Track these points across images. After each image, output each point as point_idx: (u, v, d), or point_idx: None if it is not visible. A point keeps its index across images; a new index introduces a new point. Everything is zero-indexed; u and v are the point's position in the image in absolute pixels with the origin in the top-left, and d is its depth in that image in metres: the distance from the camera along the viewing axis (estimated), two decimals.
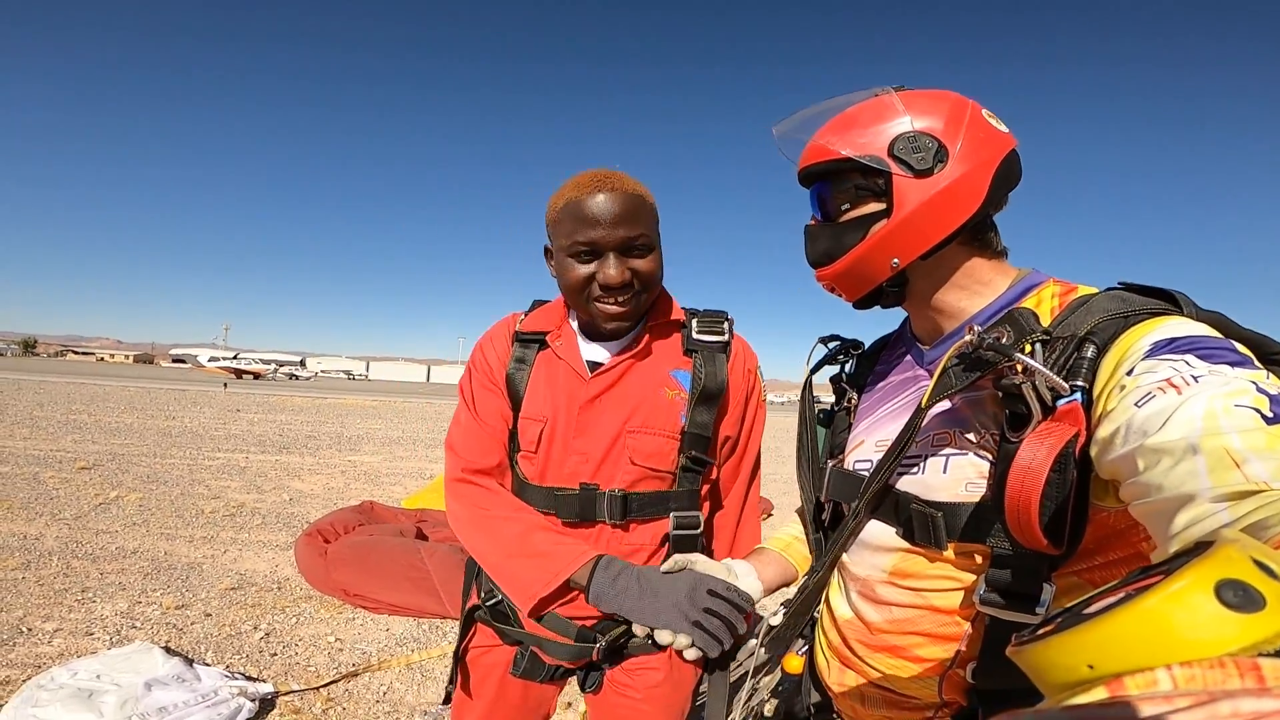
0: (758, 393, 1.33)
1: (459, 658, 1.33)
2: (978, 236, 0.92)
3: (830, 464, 1.10)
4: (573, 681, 1.31)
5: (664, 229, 1.22)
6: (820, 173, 0.95)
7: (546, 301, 1.37)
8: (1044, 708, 0.28)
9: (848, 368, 1.17)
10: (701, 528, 1.25)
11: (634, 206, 1.13)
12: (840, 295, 1.01)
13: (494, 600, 1.29)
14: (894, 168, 0.87)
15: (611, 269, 1.13)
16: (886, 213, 0.89)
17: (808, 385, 1.19)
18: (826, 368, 1.21)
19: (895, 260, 0.90)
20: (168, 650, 2.86)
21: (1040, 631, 0.33)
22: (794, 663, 1.14)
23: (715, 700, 1.13)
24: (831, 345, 1.20)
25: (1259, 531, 0.45)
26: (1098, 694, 0.26)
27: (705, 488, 1.28)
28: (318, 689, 2.82)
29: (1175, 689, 0.24)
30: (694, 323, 1.28)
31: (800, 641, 1.17)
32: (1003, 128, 0.90)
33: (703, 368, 1.23)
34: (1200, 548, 0.33)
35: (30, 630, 3.20)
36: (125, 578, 4.08)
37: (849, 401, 1.12)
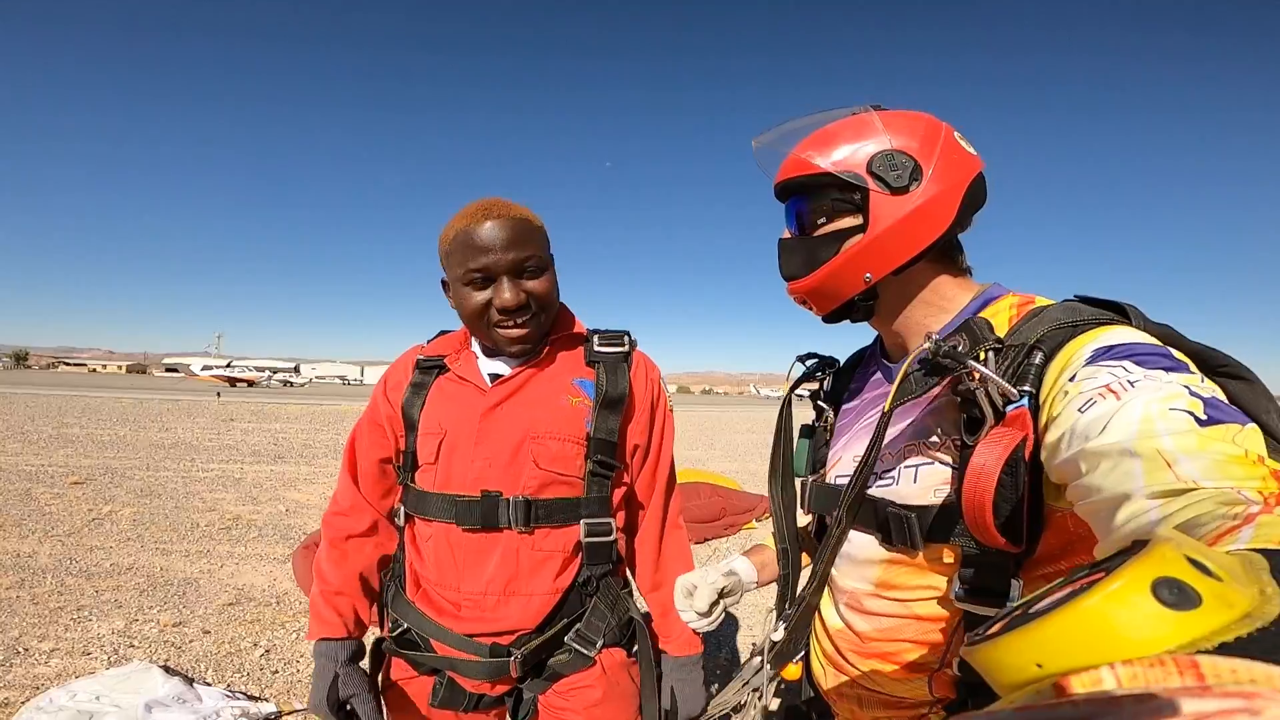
0: (664, 402, 1.36)
1: (381, 692, 1.31)
2: (945, 255, 0.96)
3: (811, 479, 1.14)
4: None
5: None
6: (798, 187, 0.97)
7: (451, 331, 1.40)
8: (995, 708, 0.28)
9: (825, 385, 1.19)
10: (614, 535, 1.26)
11: (521, 230, 1.17)
12: (811, 309, 1.03)
13: (400, 629, 1.29)
14: (871, 184, 0.90)
15: (506, 292, 1.16)
16: (862, 228, 0.91)
17: (786, 404, 1.22)
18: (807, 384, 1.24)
19: (868, 275, 0.93)
20: (167, 670, 2.82)
21: (990, 631, 0.34)
22: (791, 670, 1.15)
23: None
24: (810, 363, 1.22)
25: (1193, 529, 0.47)
26: (1046, 693, 0.27)
27: (618, 495, 1.29)
28: None
29: (1119, 687, 0.25)
30: (595, 338, 1.33)
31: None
32: (972, 150, 0.94)
33: (605, 376, 1.27)
34: (1136, 545, 0.33)
35: (27, 650, 3.16)
36: (121, 595, 4.03)
37: (825, 419, 1.16)
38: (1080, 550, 0.81)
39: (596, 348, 1.31)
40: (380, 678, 1.32)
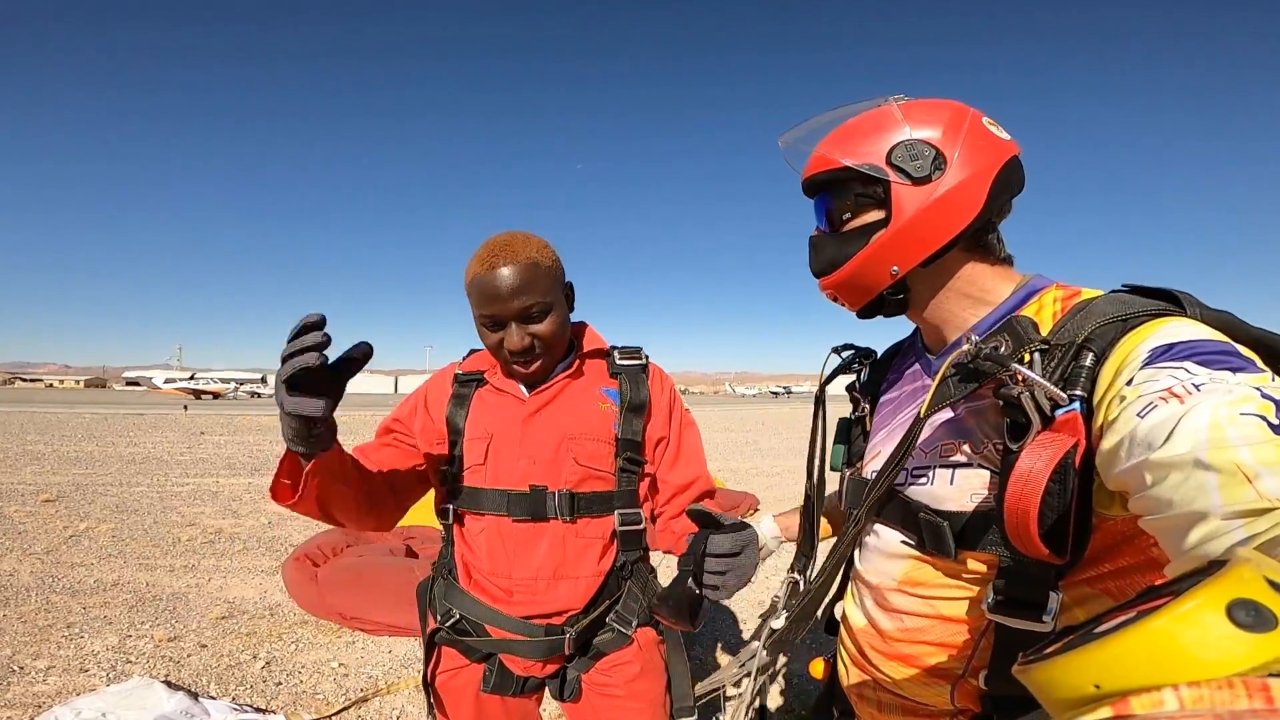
0: (679, 403, 1.50)
1: (429, 685, 1.41)
2: (979, 243, 0.92)
3: (848, 472, 1.13)
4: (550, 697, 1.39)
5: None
6: (822, 182, 0.96)
7: (481, 349, 1.48)
8: None
9: (862, 376, 1.18)
10: (643, 524, 1.39)
11: (527, 277, 1.24)
12: (843, 304, 1.02)
13: (452, 620, 1.37)
14: (891, 175, 0.87)
15: (513, 337, 1.27)
16: (886, 221, 0.89)
17: (821, 395, 1.21)
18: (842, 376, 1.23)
19: (895, 268, 0.91)
20: (169, 684, 2.80)
21: (1047, 651, 0.33)
22: (817, 667, 1.17)
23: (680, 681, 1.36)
24: (845, 354, 1.21)
25: (1274, 549, 0.44)
26: (1103, 713, 0.26)
27: (643, 488, 1.41)
28: (330, 717, 2.79)
29: (1182, 709, 0.24)
30: (615, 353, 1.48)
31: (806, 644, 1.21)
32: (1004, 135, 0.91)
33: (627, 385, 1.41)
34: (1213, 566, 0.33)
35: (22, 669, 3.10)
36: (110, 611, 3.96)
37: (863, 410, 1.14)
38: (1125, 552, 0.78)
39: (618, 361, 1.45)
40: (430, 670, 1.40)
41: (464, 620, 1.36)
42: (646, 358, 1.48)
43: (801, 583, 1.22)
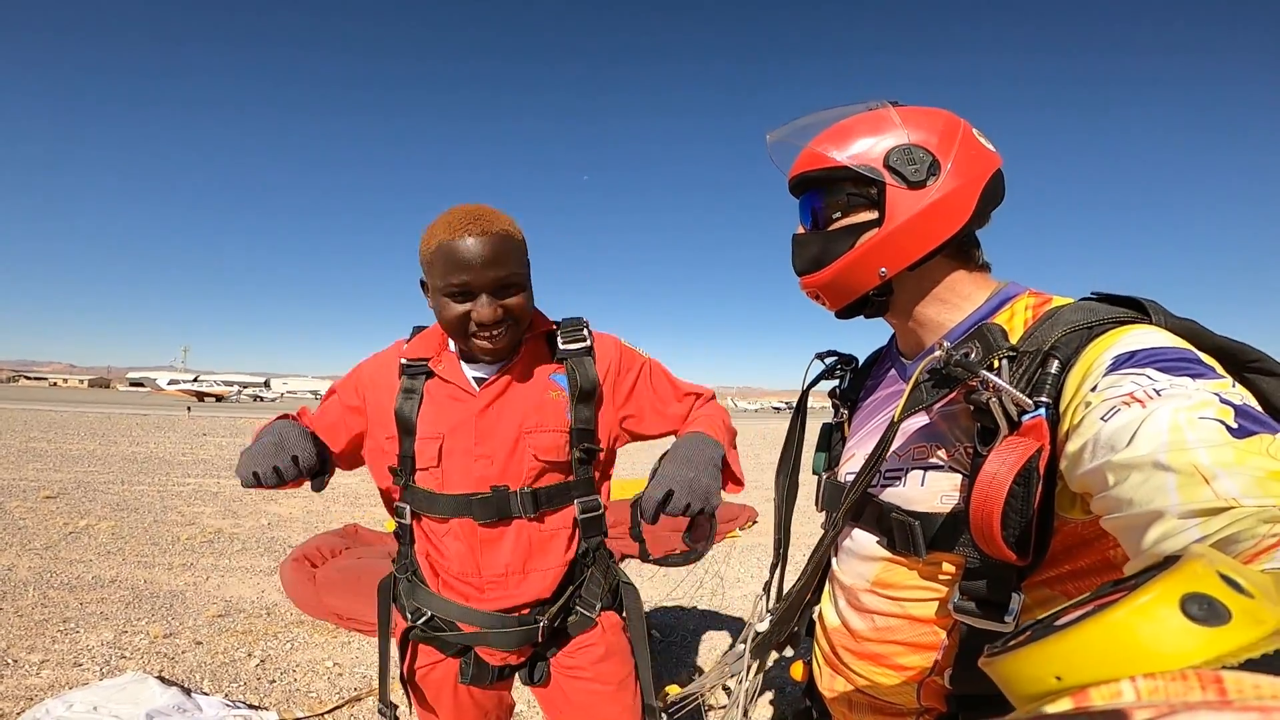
0: (635, 361, 1.42)
1: (406, 681, 1.39)
2: (961, 250, 0.94)
3: (824, 476, 1.14)
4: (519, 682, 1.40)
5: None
6: (813, 180, 0.96)
7: (426, 327, 1.43)
8: (1012, 719, 0.29)
9: (843, 382, 1.19)
10: (602, 510, 1.37)
11: (503, 248, 1.18)
12: (824, 303, 1.01)
13: (423, 617, 1.34)
14: (888, 178, 0.88)
15: (484, 309, 1.19)
16: (877, 222, 0.90)
17: (802, 401, 1.22)
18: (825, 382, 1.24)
19: (883, 269, 0.91)
20: (163, 680, 2.80)
21: (1011, 643, 0.34)
22: (797, 669, 1.18)
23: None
24: (828, 360, 1.22)
25: (1229, 546, 0.45)
26: (1063, 705, 0.27)
27: (598, 474, 1.38)
28: (322, 715, 2.78)
29: (1139, 700, 0.25)
30: (559, 335, 1.38)
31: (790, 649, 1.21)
32: (991, 147, 0.93)
33: (575, 371, 1.34)
34: (1168, 562, 0.33)
35: (16, 661, 3.10)
36: (106, 607, 3.96)
37: (842, 416, 1.16)
38: (1083, 554, 0.80)
39: (563, 346, 1.36)
40: (406, 667, 1.39)
41: (436, 618, 1.33)
42: (589, 334, 1.39)
43: (773, 584, 1.24)
